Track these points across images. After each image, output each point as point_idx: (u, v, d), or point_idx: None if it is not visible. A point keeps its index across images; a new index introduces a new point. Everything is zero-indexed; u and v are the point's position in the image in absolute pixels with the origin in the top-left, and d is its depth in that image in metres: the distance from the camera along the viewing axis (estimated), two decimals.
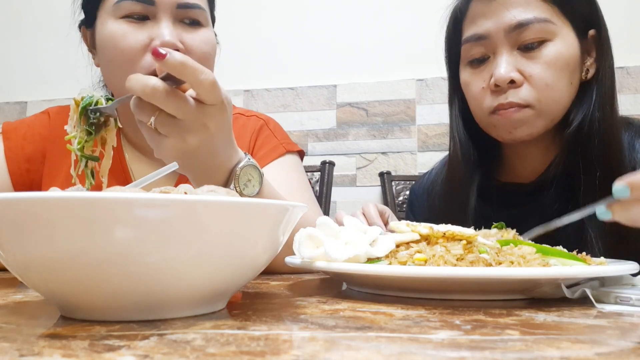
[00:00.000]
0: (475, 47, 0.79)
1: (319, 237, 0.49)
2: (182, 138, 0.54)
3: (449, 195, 0.87)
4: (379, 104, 1.75)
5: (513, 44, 0.75)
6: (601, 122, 0.75)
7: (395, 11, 1.76)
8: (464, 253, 0.47)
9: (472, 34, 0.79)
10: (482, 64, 0.79)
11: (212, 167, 0.59)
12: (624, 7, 1.53)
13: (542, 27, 0.74)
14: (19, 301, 0.43)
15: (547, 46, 0.75)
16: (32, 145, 0.86)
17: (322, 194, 1.49)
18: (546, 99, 0.74)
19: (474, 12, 0.80)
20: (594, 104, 0.75)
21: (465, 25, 0.81)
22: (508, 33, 0.75)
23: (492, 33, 0.76)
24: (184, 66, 0.50)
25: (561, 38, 0.75)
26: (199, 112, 0.53)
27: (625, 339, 0.30)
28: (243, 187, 0.60)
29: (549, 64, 0.74)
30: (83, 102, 0.60)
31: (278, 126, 0.95)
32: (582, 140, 0.75)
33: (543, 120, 0.76)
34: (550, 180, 0.78)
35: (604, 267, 0.45)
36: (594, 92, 0.76)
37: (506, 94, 0.75)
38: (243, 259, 0.36)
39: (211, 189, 0.39)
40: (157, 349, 0.26)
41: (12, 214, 0.30)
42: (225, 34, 1.95)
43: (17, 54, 1.99)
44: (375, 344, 0.28)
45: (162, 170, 0.49)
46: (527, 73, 0.75)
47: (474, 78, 0.80)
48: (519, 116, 0.75)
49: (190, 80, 0.51)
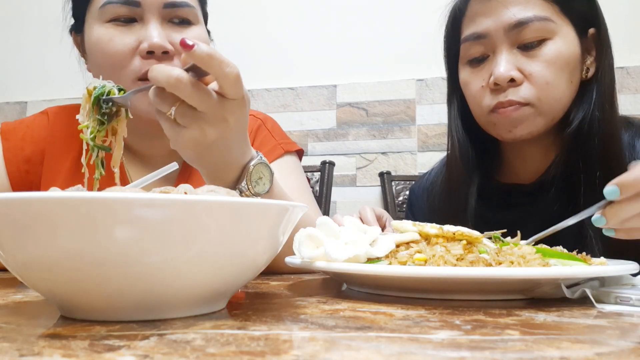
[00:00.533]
0: (475, 46, 0.78)
1: (319, 237, 0.49)
2: (201, 130, 0.54)
3: (448, 195, 0.87)
4: (379, 104, 1.75)
5: (513, 42, 0.75)
6: (601, 122, 0.74)
7: (395, 11, 1.76)
8: (464, 253, 0.47)
9: (472, 33, 0.78)
10: (482, 62, 0.79)
11: (226, 162, 0.59)
12: (624, 7, 1.53)
13: (542, 25, 0.74)
14: (19, 301, 0.43)
15: (547, 45, 0.74)
16: (31, 146, 0.85)
17: (322, 194, 1.49)
18: (546, 98, 0.74)
19: (473, 11, 0.79)
20: (594, 103, 0.75)
21: (464, 24, 0.81)
22: (508, 31, 0.75)
23: (491, 32, 0.76)
24: (210, 58, 0.50)
25: (561, 37, 0.75)
26: (220, 106, 0.53)
27: (625, 339, 0.30)
28: (254, 184, 0.60)
29: (549, 63, 0.74)
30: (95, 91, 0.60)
31: (276, 125, 0.94)
32: (582, 140, 0.75)
33: (543, 118, 0.76)
34: (550, 181, 0.78)
35: (604, 267, 0.45)
36: (594, 91, 0.76)
37: (506, 92, 0.75)
38: (243, 259, 0.36)
39: (211, 189, 0.39)
40: (157, 349, 0.26)
41: (12, 214, 0.30)
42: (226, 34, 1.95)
43: (17, 54, 1.99)
44: (375, 344, 0.28)
45: (162, 170, 0.49)
46: (527, 71, 0.74)
47: (473, 77, 0.79)
48: (519, 114, 0.75)
49: (216, 72, 0.51)
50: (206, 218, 0.32)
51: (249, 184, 0.60)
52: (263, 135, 0.89)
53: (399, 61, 1.74)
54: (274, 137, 0.89)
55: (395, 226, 0.55)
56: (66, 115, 0.88)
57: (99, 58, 0.76)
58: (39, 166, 0.85)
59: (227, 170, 0.59)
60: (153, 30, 0.73)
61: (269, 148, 0.87)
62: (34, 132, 0.86)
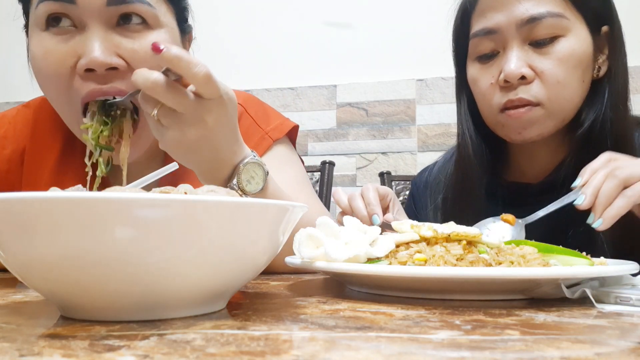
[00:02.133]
0: (485, 42, 0.76)
1: (319, 237, 0.49)
2: (181, 131, 0.54)
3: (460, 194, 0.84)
4: (379, 104, 1.75)
5: (524, 38, 0.73)
6: (614, 122, 0.73)
7: (395, 11, 1.76)
8: (463, 253, 0.47)
9: (482, 28, 0.76)
10: (491, 59, 0.76)
11: (215, 162, 0.59)
12: (624, 8, 1.53)
13: (555, 22, 0.72)
14: (19, 301, 0.43)
15: (560, 42, 0.72)
16: (13, 144, 0.80)
17: (322, 194, 1.49)
18: (557, 97, 0.72)
19: (483, 5, 0.76)
20: (606, 103, 0.73)
21: (474, 18, 0.78)
22: (519, 27, 0.72)
23: (502, 27, 0.73)
24: (179, 59, 0.50)
25: (574, 34, 0.73)
26: (197, 106, 0.54)
27: (625, 339, 0.30)
28: (246, 183, 0.60)
29: (561, 61, 0.72)
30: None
31: (259, 107, 0.85)
32: (594, 141, 0.73)
33: (553, 120, 0.74)
34: (558, 181, 0.76)
35: (604, 267, 0.45)
36: (605, 90, 0.74)
37: (516, 90, 0.73)
38: (243, 259, 0.36)
39: (211, 189, 0.39)
40: (157, 349, 0.26)
41: (12, 214, 0.30)
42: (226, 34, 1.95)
43: (17, 54, 1.98)
44: (375, 344, 0.28)
45: (162, 170, 0.49)
46: (538, 69, 0.72)
47: (483, 74, 0.77)
48: (529, 116, 0.73)
49: (186, 73, 0.51)
50: (206, 218, 0.32)
51: (240, 183, 0.60)
52: (247, 126, 0.80)
53: (399, 61, 1.74)
54: (259, 126, 0.82)
55: (395, 227, 0.55)
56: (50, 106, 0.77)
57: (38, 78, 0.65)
58: (19, 166, 0.80)
59: (218, 169, 0.59)
60: (93, 41, 0.60)
61: (256, 140, 0.80)
62: (16, 129, 0.80)
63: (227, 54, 1.81)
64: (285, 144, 0.85)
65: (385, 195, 0.75)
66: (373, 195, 0.71)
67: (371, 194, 0.72)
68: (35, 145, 0.80)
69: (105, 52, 0.60)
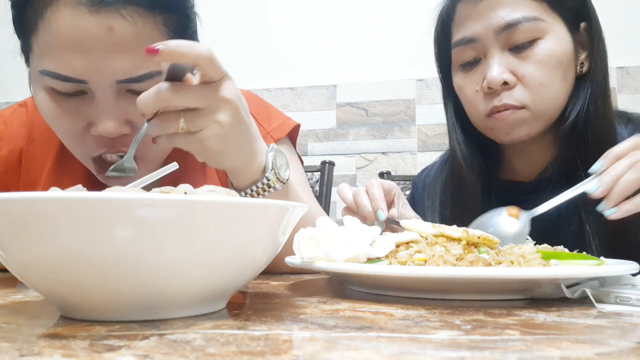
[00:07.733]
0: (466, 51, 0.78)
1: (319, 237, 0.49)
2: (215, 122, 0.53)
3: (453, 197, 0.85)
4: (379, 104, 1.75)
5: (503, 45, 0.74)
6: (594, 118, 0.74)
7: (395, 11, 1.76)
8: (463, 253, 0.47)
9: (462, 38, 0.77)
10: (474, 66, 0.78)
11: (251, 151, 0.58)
12: (624, 7, 1.53)
13: (531, 25, 0.73)
14: (19, 301, 0.43)
15: (539, 44, 0.73)
16: (9, 145, 0.79)
17: (322, 194, 1.49)
18: (541, 99, 0.74)
19: (461, 15, 0.78)
20: (588, 100, 0.75)
21: (454, 28, 0.80)
22: (497, 34, 0.74)
23: (481, 35, 0.75)
24: (179, 47, 0.49)
25: (552, 34, 0.74)
26: (213, 91, 0.53)
27: (625, 339, 0.30)
28: (282, 169, 0.59)
29: (542, 63, 0.73)
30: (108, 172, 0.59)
31: (261, 107, 0.85)
32: (577, 136, 0.75)
33: (540, 120, 0.75)
34: (549, 178, 0.78)
35: (604, 267, 0.45)
36: (588, 86, 0.75)
37: (500, 96, 0.74)
38: (243, 259, 0.36)
39: (211, 189, 0.39)
40: (157, 349, 0.26)
41: (12, 214, 0.30)
42: (226, 35, 1.95)
43: (17, 54, 1.98)
44: (375, 344, 0.28)
45: (162, 170, 0.49)
46: (519, 73, 0.74)
47: (467, 82, 0.79)
48: (515, 118, 0.74)
49: (191, 58, 0.50)
50: (206, 218, 0.32)
51: (277, 169, 0.58)
52: None
53: (399, 61, 1.74)
54: (261, 125, 0.81)
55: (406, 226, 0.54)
56: None
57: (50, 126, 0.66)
58: (17, 166, 0.79)
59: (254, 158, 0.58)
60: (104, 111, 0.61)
61: None
62: (12, 130, 0.79)
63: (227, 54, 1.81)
64: (286, 145, 0.85)
65: (389, 190, 0.75)
66: (378, 191, 0.72)
67: (376, 190, 0.72)
68: (33, 146, 0.79)
69: (116, 120, 0.62)
